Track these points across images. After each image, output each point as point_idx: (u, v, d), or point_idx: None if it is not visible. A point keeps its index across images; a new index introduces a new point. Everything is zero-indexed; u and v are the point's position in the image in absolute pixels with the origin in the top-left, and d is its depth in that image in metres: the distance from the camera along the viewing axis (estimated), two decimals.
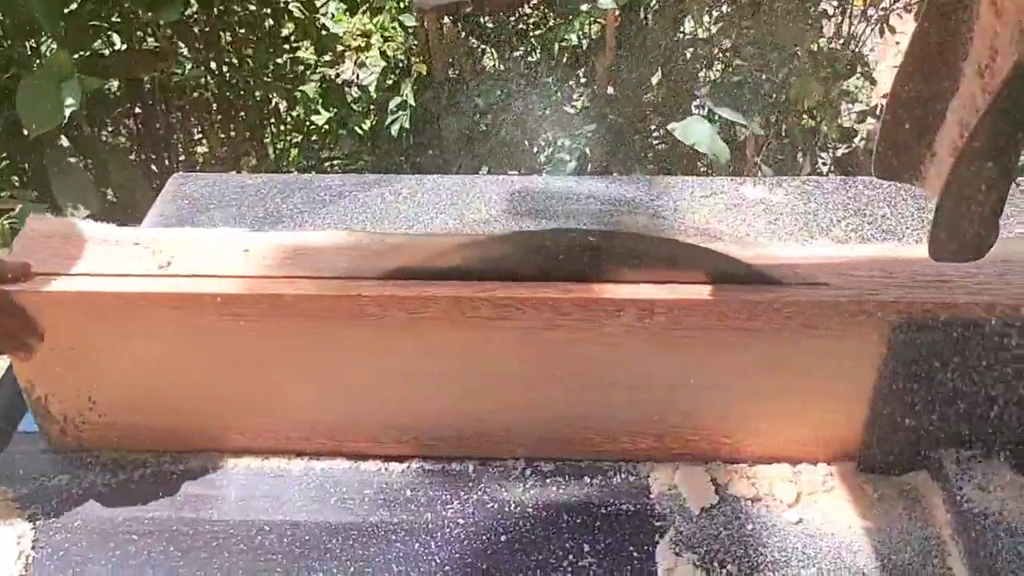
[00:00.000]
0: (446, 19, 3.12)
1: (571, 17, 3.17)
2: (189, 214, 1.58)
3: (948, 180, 0.80)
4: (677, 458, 1.14)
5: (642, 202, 1.56)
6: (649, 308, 1.02)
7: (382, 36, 4.14)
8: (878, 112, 3.51)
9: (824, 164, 3.59)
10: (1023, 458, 1.07)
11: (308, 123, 3.54)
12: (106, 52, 2.87)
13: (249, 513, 1.09)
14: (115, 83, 2.99)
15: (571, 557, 1.04)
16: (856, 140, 3.67)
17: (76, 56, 2.52)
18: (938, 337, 1.01)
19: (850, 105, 3.59)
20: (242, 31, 3.11)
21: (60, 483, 1.13)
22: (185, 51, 3.01)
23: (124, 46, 2.89)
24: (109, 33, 2.85)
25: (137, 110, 3.08)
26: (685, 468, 1.13)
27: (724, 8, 3.04)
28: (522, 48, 3.28)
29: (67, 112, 2.25)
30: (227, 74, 3.10)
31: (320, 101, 3.43)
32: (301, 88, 3.31)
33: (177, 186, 1.66)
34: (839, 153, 3.61)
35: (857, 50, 3.13)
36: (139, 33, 2.86)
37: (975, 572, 0.99)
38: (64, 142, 2.59)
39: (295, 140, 3.56)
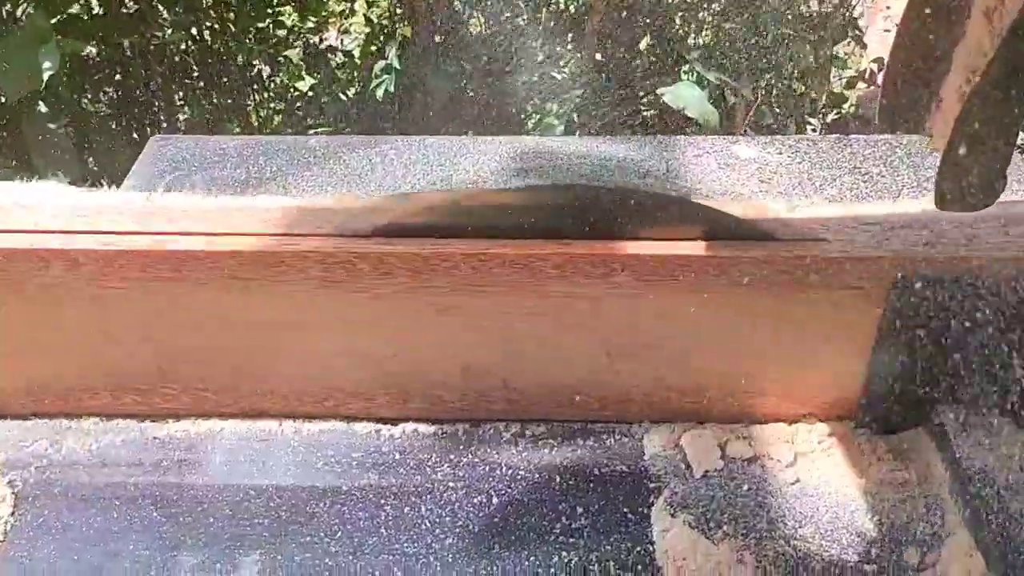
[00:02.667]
0: None
1: None
2: (169, 178, 1.54)
3: (955, 127, 0.78)
4: (671, 419, 1.12)
5: (634, 161, 1.53)
6: (639, 264, 0.99)
7: (366, 1, 4.07)
8: (867, 76, 3.49)
9: (814, 130, 3.57)
10: (1022, 414, 1.06)
11: (292, 89, 3.48)
12: (85, 16, 2.81)
13: (234, 477, 1.06)
14: (94, 48, 2.93)
15: (564, 520, 1.02)
16: (845, 106, 3.65)
17: (54, 20, 2.47)
18: (937, 293, 0.99)
19: (840, 71, 3.57)
20: None
21: (39, 449, 1.10)
22: (165, 14, 2.95)
23: (103, 10, 2.83)
24: None
25: (117, 76, 3.03)
26: (692, 431, 1.10)
27: None
28: (509, 12, 3.23)
29: (45, 77, 2.20)
30: (208, 39, 3.04)
31: (304, 67, 3.38)
32: (284, 54, 3.26)
33: (156, 149, 1.62)
34: (829, 118, 3.59)
35: (848, 14, 3.10)
36: None
37: (974, 530, 0.98)
38: (43, 108, 2.54)
39: (278, 107, 3.51)
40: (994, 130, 0.76)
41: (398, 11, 3.62)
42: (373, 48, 3.35)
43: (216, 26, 3.05)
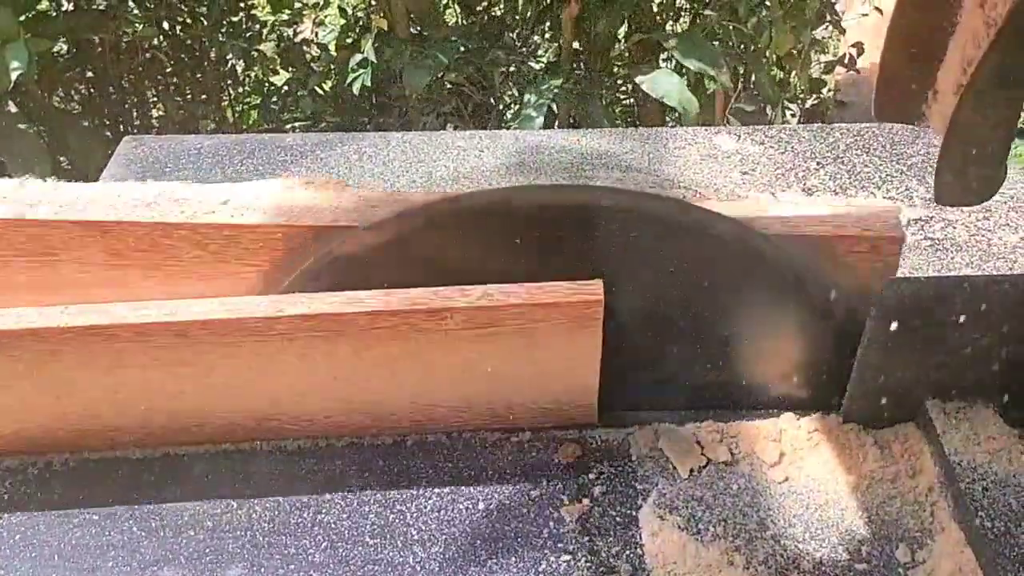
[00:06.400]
0: None
1: None
2: (142, 179, 1.50)
3: (952, 119, 0.76)
4: (656, 418, 1.10)
5: (615, 154, 1.51)
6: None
7: None
8: (847, 61, 3.48)
9: (793, 116, 3.56)
10: (1011, 408, 1.05)
11: (267, 84, 3.43)
12: (53, 13, 2.75)
13: (214, 490, 1.04)
14: (64, 46, 2.87)
15: (551, 525, 1.01)
16: (824, 91, 3.64)
17: (21, 18, 2.42)
18: (923, 288, 0.98)
19: (818, 55, 3.55)
20: None
21: (14, 465, 1.08)
22: (136, 10, 2.90)
23: (72, 6, 2.77)
24: None
25: (88, 74, 2.97)
26: (669, 431, 1.09)
27: None
28: (485, 2, 3.19)
29: (14, 76, 2.15)
30: (180, 34, 2.99)
31: (279, 61, 3.32)
32: (258, 48, 3.20)
33: (129, 149, 1.59)
34: (808, 104, 3.58)
35: None
36: None
37: (965, 525, 0.97)
38: (13, 108, 2.49)
39: (254, 102, 3.45)
40: (991, 122, 0.74)
41: (373, 2, 3.57)
42: (348, 40, 3.30)
43: (187, 20, 3.00)
